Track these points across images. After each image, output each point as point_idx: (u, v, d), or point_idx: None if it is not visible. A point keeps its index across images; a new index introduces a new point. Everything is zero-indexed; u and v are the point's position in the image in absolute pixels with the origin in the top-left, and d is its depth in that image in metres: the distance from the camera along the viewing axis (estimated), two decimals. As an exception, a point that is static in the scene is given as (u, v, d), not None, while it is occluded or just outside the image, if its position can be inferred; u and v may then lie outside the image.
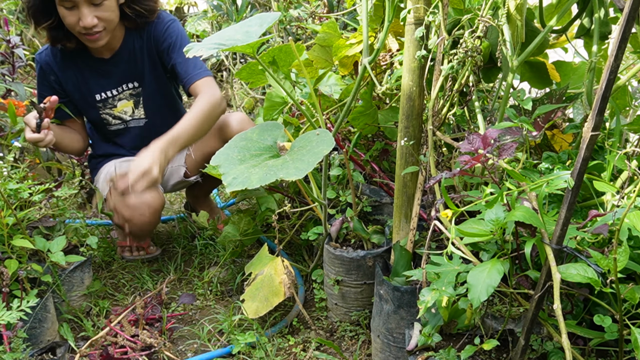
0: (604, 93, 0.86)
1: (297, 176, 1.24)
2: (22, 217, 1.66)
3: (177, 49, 2.02)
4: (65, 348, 1.53)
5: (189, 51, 1.38)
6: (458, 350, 1.19)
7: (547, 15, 1.49)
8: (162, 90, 2.16)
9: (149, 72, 2.09)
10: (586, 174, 0.96)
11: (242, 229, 2.05)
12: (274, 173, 1.27)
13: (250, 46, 1.35)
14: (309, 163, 1.28)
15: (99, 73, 2.04)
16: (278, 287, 1.71)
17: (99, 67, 2.03)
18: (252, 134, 1.50)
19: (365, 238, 1.79)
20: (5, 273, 1.52)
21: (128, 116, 2.15)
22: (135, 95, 2.12)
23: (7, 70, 2.36)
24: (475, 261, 1.15)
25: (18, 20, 3.69)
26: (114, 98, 2.09)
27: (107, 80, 2.06)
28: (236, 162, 1.37)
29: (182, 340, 1.80)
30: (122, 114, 2.14)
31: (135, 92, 2.11)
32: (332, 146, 1.32)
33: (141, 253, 2.22)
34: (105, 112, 2.12)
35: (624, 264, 0.94)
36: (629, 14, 0.81)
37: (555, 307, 0.94)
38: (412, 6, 1.37)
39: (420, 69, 1.42)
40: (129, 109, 2.13)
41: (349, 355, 1.71)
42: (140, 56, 2.06)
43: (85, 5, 1.82)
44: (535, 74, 1.67)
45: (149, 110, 2.16)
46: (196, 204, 2.45)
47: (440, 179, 1.15)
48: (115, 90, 2.08)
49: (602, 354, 1.19)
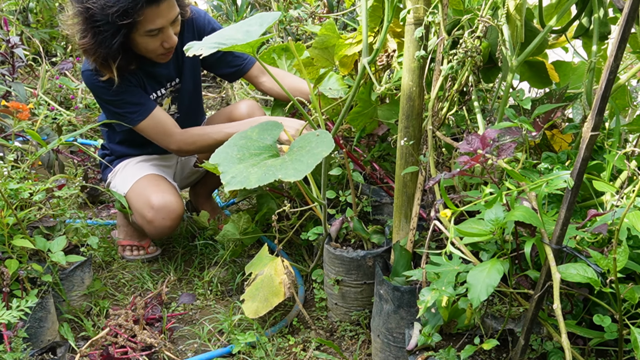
0: (604, 93, 0.86)
1: (296, 177, 1.24)
2: (22, 217, 1.67)
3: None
4: (66, 348, 1.53)
5: (189, 50, 1.38)
6: (458, 350, 1.20)
7: (547, 15, 1.49)
8: (196, 85, 2.18)
9: (189, 67, 2.10)
10: (585, 174, 0.96)
11: (242, 227, 2.05)
12: (272, 173, 1.27)
13: (250, 45, 1.35)
14: (308, 164, 1.27)
15: (152, 75, 2.02)
16: (278, 287, 1.71)
17: (152, 70, 2.00)
18: (251, 133, 1.50)
19: (365, 238, 1.79)
20: (6, 273, 1.52)
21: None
22: (174, 92, 2.12)
23: (7, 71, 2.36)
24: (474, 261, 1.15)
25: (18, 21, 3.69)
26: (162, 97, 2.09)
27: (157, 80, 2.04)
28: (235, 161, 1.37)
29: (182, 340, 1.80)
30: None
31: (175, 88, 2.11)
32: (331, 148, 1.32)
33: (141, 253, 2.22)
34: None
35: (624, 264, 0.94)
36: (628, 14, 0.81)
37: (555, 307, 0.94)
38: (411, 6, 1.37)
39: (420, 69, 1.42)
40: (167, 105, 2.14)
41: (349, 355, 1.71)
42: (181, 52, 2.05)
43: (171, 27, 1.82)
44: (534, 73, 1.67)
45: (182, 105, 2.17)
46: (198, 204, 2.45)
47: (439, 179, 1.15)
48: (164, 89, 2.08)
49: (601, 353, 1.19)
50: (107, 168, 2.21)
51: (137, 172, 2.11)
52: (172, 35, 1.83)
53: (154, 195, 1.99)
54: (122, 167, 2.17)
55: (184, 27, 2.00)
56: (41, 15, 4.15)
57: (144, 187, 2.05)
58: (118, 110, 1.95)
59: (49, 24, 4.17)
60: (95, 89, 1.94)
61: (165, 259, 2.23)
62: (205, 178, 2.40)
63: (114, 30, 1.72)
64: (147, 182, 2.07)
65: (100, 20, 1.70)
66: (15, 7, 3.68)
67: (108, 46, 1.75)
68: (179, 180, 2.34)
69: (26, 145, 2.07)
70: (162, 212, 1.98)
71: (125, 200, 2.05)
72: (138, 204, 2.02)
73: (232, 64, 2.14)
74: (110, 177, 2.19)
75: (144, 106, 1.95)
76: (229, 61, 2.13)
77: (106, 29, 1.72)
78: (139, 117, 1.95)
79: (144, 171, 2.12)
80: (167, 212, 1.98)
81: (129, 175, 2.12)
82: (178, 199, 2.04)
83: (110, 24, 1.70)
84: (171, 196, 2.01)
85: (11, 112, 1.93)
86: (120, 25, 1.71)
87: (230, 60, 2.12)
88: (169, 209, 1.99)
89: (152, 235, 2.11)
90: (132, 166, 2.16)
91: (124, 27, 1.72)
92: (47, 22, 4.17)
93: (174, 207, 2.00)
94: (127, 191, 2.07)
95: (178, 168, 2.33)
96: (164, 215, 1.98)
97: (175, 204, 2.00)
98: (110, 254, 2.23)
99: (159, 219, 1.98)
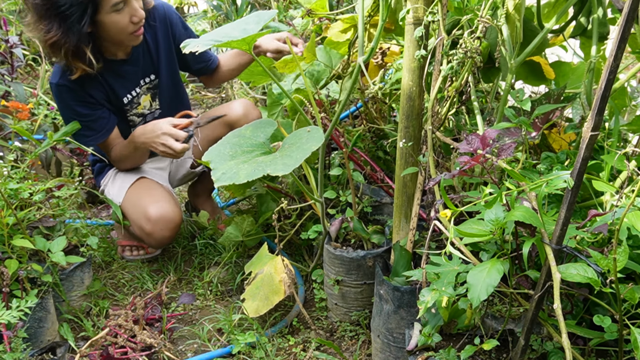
0: (604, 93, 0.86)
1: (284, 171, 1.25)
2: (22, 217, 1.66)
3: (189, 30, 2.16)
4: (65, 348, 1.53)
5: (186, 47, 1.39)
6: (458, 350, 1.20)
7: (545, 14, 1.49)
8: (175, 78, 2.18)
9: (165, 61, 2.10)
10: (585, 174, 0.96)
11: (245, 229, 2.05)
12: (262, 169, 1.28)
13: (246, 42, 1.35)
14: (296, 159, 1.29)
15: (120, 75, 2.00)
16: (278, 285, 1.71)
17: (119, 69, 1.99)
18: (245, 131, 1.51)
19: (365, 238, 1.79)
20: (6, 273, 1.52)
21: (147, 110, 2.15)
22: (153, 88, 2.12)
23: (6, 70, 2.36)
24: (474, 261, 1.15)
25: (18, 21, 3.69)
26: (138, 96, 2.08)
27: (129, 80, 2.03)
28: (227, 158, 1.38)
29: (182, 340, 1.80)
30: (143, 110, 2.13)
31: (152, 84, 2.11)
32: (321, 142, 1.34)
33: (141, 253, 2.22)
34: (132, 113, 2.10)
35: (624, 264, 0.94)
36: (628, 14, 0.81)
37: (555, 307, 0.94)
38: (411, 6, 1.37)
39: (420, 69, 1.42)
40: (148, 102, 2.13)
41: (349, 355, 1.71)
42: (154, 47, 2.06)
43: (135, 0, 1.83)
44: (529, 71, 1.68)
45: (163, 100, 2.17)
46: (197, 204, 2.45)
47: (439, 180, 1.15)
48: (138, 88, 2.07)
49: (601, 354, 1.19)
50: (100, 174, 2.18)
51: (128, 178, 2.10)
52: (138, 7, 1.82)
53: (151, 206, 1.98)
54: (113, 173, 2.16)
55: (150, 16, 2.01)
56: (41, 15, 4.14)
57: (138, 197, 2.03)
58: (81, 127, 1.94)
59: (48, 24, 4.15)
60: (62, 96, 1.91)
61: (165, 259, 2.23)
62: (204, 178, 2.40)
63: (80, 11, 1.71)
64: (141, 189, 2.05)
65: (64, 4, 1.68)
66: (15, 7, 3.67)
67: (77, 31, 1.73)
68: (174, 182, 2.33)
69: (26, 145, 2.07)
70: (161, 224, 1.97)
71: (120, 210, 2.04)
72: (135, 215, 2.01)
73: (202, 59, 2.19)
74: (103, 184, 2.17)
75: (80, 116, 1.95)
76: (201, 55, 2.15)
77: (72, 12, 1.70)
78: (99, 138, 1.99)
79: (135, 175, 2.10)
80: (165, 223, 1.97)
81: (121, 182, 2.10)
82: (175, 207, 2.02)
83: (74, 5, 1.69)
84: (168, 205, 1.99)
85: (11, 112, 1.93)
86: (85, 4, 1.70)
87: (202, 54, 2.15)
88: (166, 220, 1.97)
89: (151, 245, 2.12)
90: (121, 173, 2.14)
91: (90, 4, 1.71)
92: (47, 22, 4.16)
93: (172, 216, 1.98)
94: (121, 200, 2.05)
95: (173, 168, 2.32)
96: (162, 227, 1.97)
97: (172, 213, 1.99)
98: (110, 254, 2.23)
99: (158, 231, 1.98)
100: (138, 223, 2.00)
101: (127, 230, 2.21)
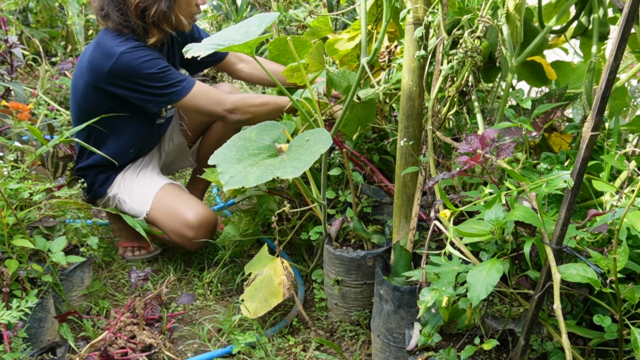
0: (604, 93, 0.86)
1: (294, 174, 1.25)
2: (22, 217, 1.66)
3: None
4: (65, 348, 1.53)
5: (188, 51, 1.39)
6: (458, 350, 1.20)
7: (546, 15, 1.49)
8: None
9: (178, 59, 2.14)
10: (585, 174, 0.96)
11: (242, 229, 2.06)
12: (271, 172, 1.28)
13: (248, 45, 1.35)
14: (306, 162, 1.28)
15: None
16: (277, 287, 1.71)
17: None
18: (250, 134, 1.51)
19: (365, 238, 1.79)
20: (6, 273, 1.52)
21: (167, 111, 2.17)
22: None
23: (5, 70, 2.36)
24: (474, 261, 1.15)
25: (18, 21, 3.69)
26: None
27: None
28: (234, 162, 1.38)
29: (182, 340, 1.80)
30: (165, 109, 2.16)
31: None
32: (329, 144, 1.33)
33: (142, 253, 2.22)
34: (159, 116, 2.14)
35: (624, 264, 0.94)
36: (628, 14, 0.81)
37: (555, 307, 0.94)
38: (411, 6, 1.37)
39: (420, 69, 1.42)
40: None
41: (349, 355, 1.71)
42: (170, 45, 2.09)
43: None
44: (532, 72, 1.67)
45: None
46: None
47: (439, 179, 1.15)
48: None
49: (602, 354, 1.19)
50: (105, 183, 2.11)
51: (148, 186, 2.08)
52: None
53: (188, 213, 1.99)
54: (122, 181, 2.11)
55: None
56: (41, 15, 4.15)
57: (170, 205, 2.03)
58: (162, 84, 1.89)
59: (48, 24, 4.16)
60: (138, 66, 1.86)
61: (165, 259, 2.23)
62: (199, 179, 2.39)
63: None
64: (168, 197, 2.05)
65: None
66: (15, 7, 3.68)
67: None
68: (165, 171, 2.35)
69: (26, 146, 2.06)
70: (203, 228, 2.01)
71: (143, 222, 2.02)
72: (173, 225, 2.02)
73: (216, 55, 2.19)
74: (111, 193, 2.10)
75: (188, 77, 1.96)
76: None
77: None
78: (189, 84, 1.92)
79: (155, 182, 2.09)
80: (207, 227, 2.02)
81: (138, 191, 2.08)
82: (208, 208, 2.06)
83: None
84: (202, 208, 2.02)
85: (11, 112, 1.93)
86: None
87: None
88: (207, 223, 2.01)
89: (191, 248, 2.11)
90: (134, 180, 2.11)
91: None
92: (47, 22, 4.17)
93: (211, 219, 2.03)
94: (149, 210, 2.05)
95: (163, 157, 2.32)
96: (204, 231, 2.01)
97: (210, 215, 2.03)
98: (110, 254, 2.23)
99: (200, 235, 2.01)
100: (179, 232, 2.01)
101: (127, 233, 2.20)
